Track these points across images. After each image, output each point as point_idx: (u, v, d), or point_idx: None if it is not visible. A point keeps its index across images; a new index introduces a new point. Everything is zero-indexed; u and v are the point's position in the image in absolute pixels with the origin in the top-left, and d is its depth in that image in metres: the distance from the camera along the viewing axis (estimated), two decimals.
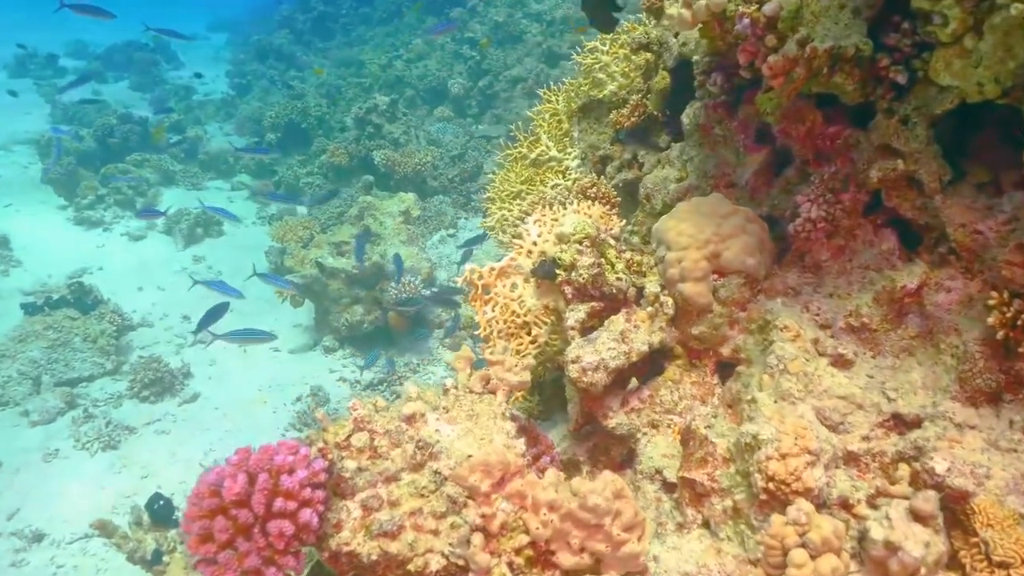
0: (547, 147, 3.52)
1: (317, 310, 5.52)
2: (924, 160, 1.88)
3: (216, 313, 4.65)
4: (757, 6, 1.96)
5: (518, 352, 2.26)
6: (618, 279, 2.08)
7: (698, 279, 2.08)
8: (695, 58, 2.44)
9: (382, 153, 7.20)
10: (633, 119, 3.20)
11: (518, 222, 3.51)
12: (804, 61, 1.89)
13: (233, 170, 9.34)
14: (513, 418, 1.88)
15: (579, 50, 3.51)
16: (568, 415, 2.29)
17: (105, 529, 2.17)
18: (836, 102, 2.09)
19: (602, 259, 2.13)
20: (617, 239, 2.22)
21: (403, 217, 5.83)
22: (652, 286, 2.10)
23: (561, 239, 2.21)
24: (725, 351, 2.14)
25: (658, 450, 2.06)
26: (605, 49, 3.40)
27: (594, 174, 3.52)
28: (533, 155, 3.52)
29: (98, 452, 4.37)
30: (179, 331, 5.79)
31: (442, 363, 5.31)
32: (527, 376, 1.92)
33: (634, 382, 2.09)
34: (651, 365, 2.17)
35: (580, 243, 2.15)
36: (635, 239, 2.84)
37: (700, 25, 2.12)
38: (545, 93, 3.54)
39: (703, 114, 2.53)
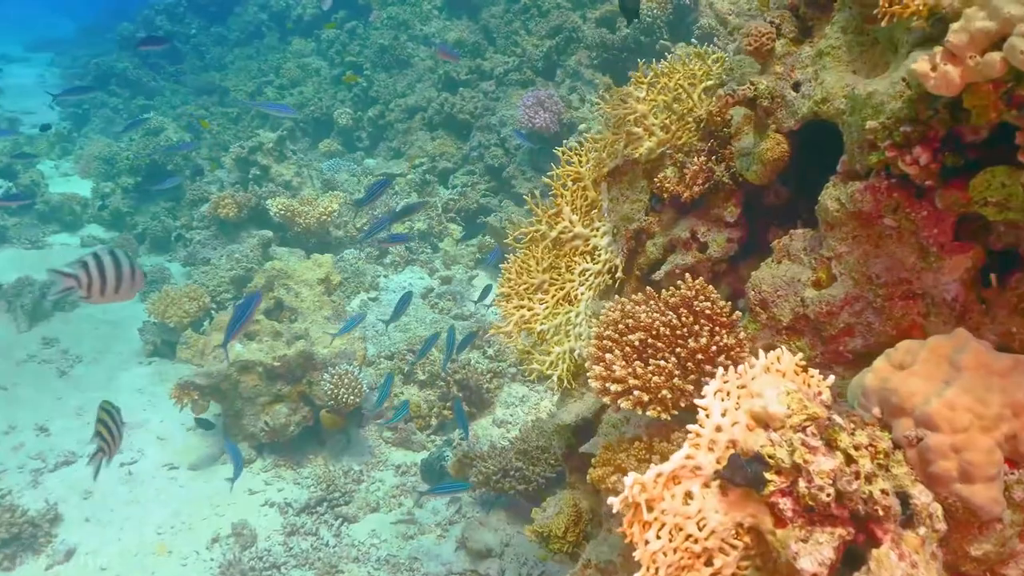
0: (571, 222, 2.71)
1: (226, 412, 4.39)
2: None
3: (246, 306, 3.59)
4: None
5: None
6: (883, 492, 1.31)
7: (990, 479, 1.35)
8: (868, 124, 1.73)
9: (279, 202, 6.09)
10: (696, 187, 2.48)
11: (532, 322, 2.68)
12: None
13: (80, 221, 7.80)
14: None
15: (600, 96, 2.74)
16: None
17: None
18: None
19: (837, 453, 1.35)
20: (829, 407, 1.45)
21: (323, 286, 4.80)
22: (920, 494, 1.35)
23: (763, 421, 1.41)
24: (1013, 574, 1.43)
25: None
26: (641, 95, 2.65)
27: (624, 254, 2.77)
28: (554, 233, 2.70)
29: None
30: (34, 449, 4.45)
31: (389, 466, 4.34)
32: None
33: None
34: None
35: (802, 430, 1.37)
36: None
37: (966, 87, 1.40)
38: (565, 152, 2.74)
39: (868, 198, 1.82)
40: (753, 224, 2.54)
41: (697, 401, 1.44)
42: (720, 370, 1.46)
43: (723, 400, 1.44)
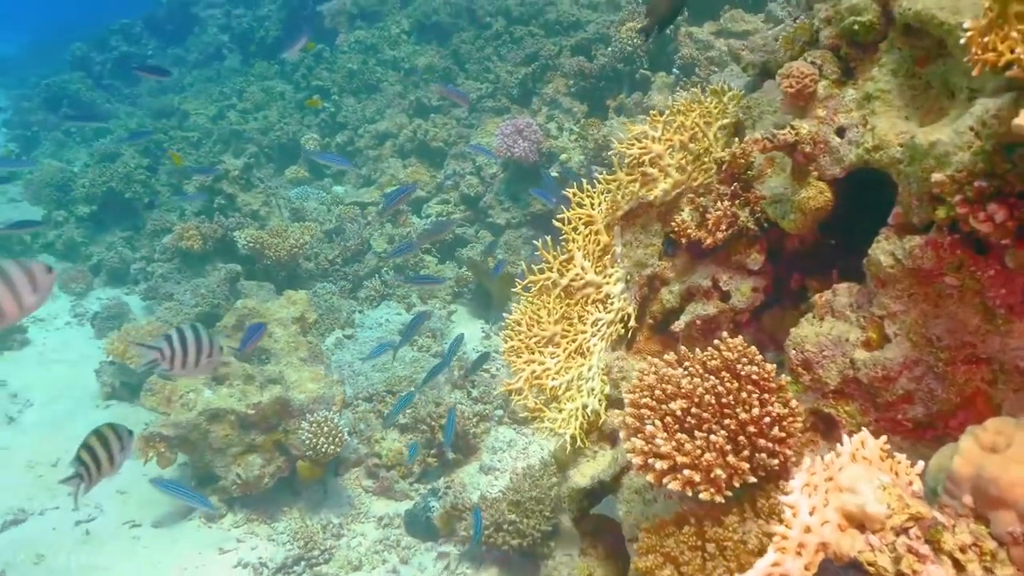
0: (583, 269, 2.54)
1: (194, 464, 4.08)
2: None
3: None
4: None
5: None
6: None
7: None
8: (935, 176, 1.59)
9: (248, 233, 5.80)
10: (720, 234, 2.33)
11: (546, 378, 2.49)
12: None
13: (31, 250, 7.39)
14: None
15: (617, 135, 2.59)
16: None
17: None
18: None
19: (944, 557, 1.19)
20: (920, 497, 1.29)
21: (298, 325, 4.54)
22: None
23: (858, 520, 1.24)
24: None
25: None
26: (657, 135, 2.50)
27: (637, 302, 2.60)
28: (565, 281, 2.52)
29: None
30: None
31: (370, 518, 4.08)
32: None
33: None
34: None
35: (904, 532, 1.20)
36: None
37: None
38: (576, 195, 2.56)
39: (929, 254, 1.68)
40: (775, 271, 2.40)
41: (783, 498, 1.27)
42: (807, 460, 1.28)
43: (810, 496, 1.27)
